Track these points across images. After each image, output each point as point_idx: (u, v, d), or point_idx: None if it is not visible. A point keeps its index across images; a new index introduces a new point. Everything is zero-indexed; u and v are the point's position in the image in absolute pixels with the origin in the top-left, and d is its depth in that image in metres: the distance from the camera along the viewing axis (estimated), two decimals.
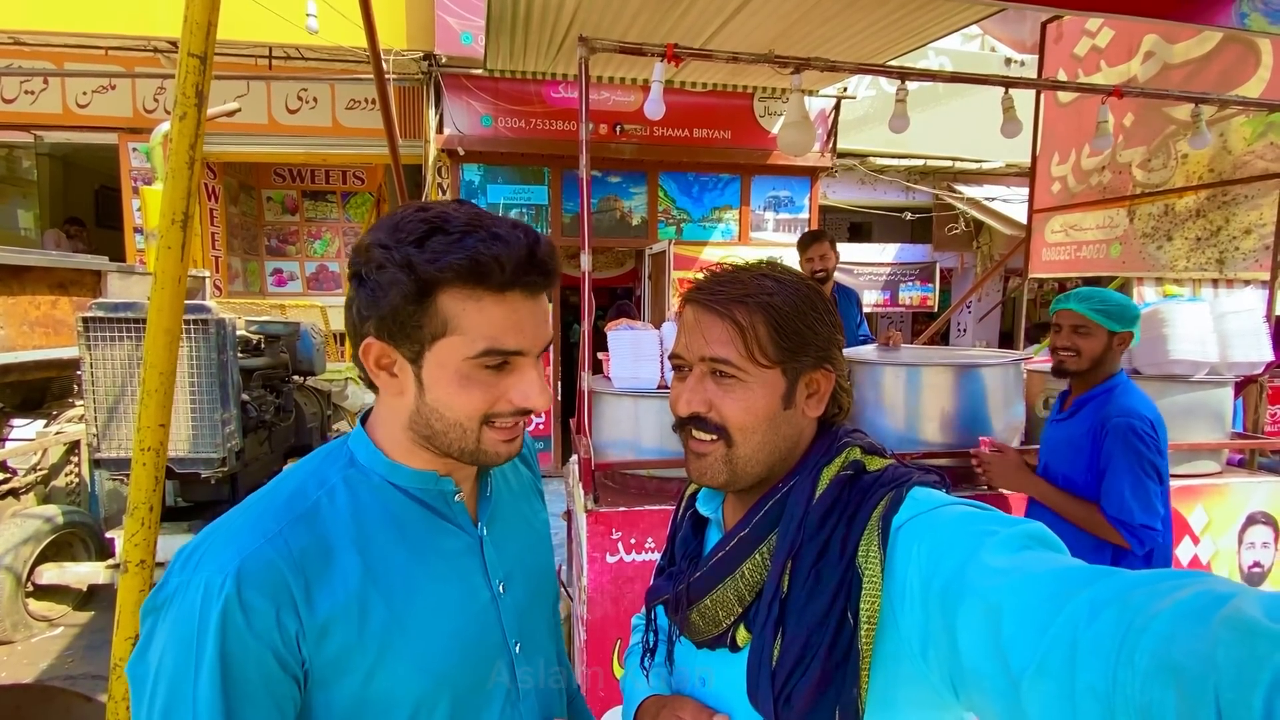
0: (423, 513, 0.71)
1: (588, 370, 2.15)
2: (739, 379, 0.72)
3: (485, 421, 0.67)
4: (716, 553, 0.75)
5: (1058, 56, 3.90)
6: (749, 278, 0.74)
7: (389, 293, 0.62)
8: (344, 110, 5.92)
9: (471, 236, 0.62)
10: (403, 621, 0.66)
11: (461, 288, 0.63)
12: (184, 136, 1.03)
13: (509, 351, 0.66)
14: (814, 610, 0.64)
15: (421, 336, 0.64)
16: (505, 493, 0.84)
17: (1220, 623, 0.36)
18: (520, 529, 0.83)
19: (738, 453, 0.72)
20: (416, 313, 0.63)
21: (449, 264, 0.61)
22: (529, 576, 0.81)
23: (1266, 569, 2.53)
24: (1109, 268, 3.75)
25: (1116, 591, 0.43)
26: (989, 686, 0.49)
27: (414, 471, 0.71)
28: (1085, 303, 1.80)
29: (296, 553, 0.62)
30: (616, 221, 6.09)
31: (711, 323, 0.72)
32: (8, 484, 3.26)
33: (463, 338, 0.64)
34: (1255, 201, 2.85)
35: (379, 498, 0.69)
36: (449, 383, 0.65)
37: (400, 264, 0.61)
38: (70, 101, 5.63)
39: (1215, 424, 2.47)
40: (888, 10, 3.37)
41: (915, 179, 7.35)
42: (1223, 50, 2.95)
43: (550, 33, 3.91)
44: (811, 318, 0.73)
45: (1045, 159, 3.98)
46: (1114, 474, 1.69)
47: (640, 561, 2.03)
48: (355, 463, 0.71)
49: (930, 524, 0.62)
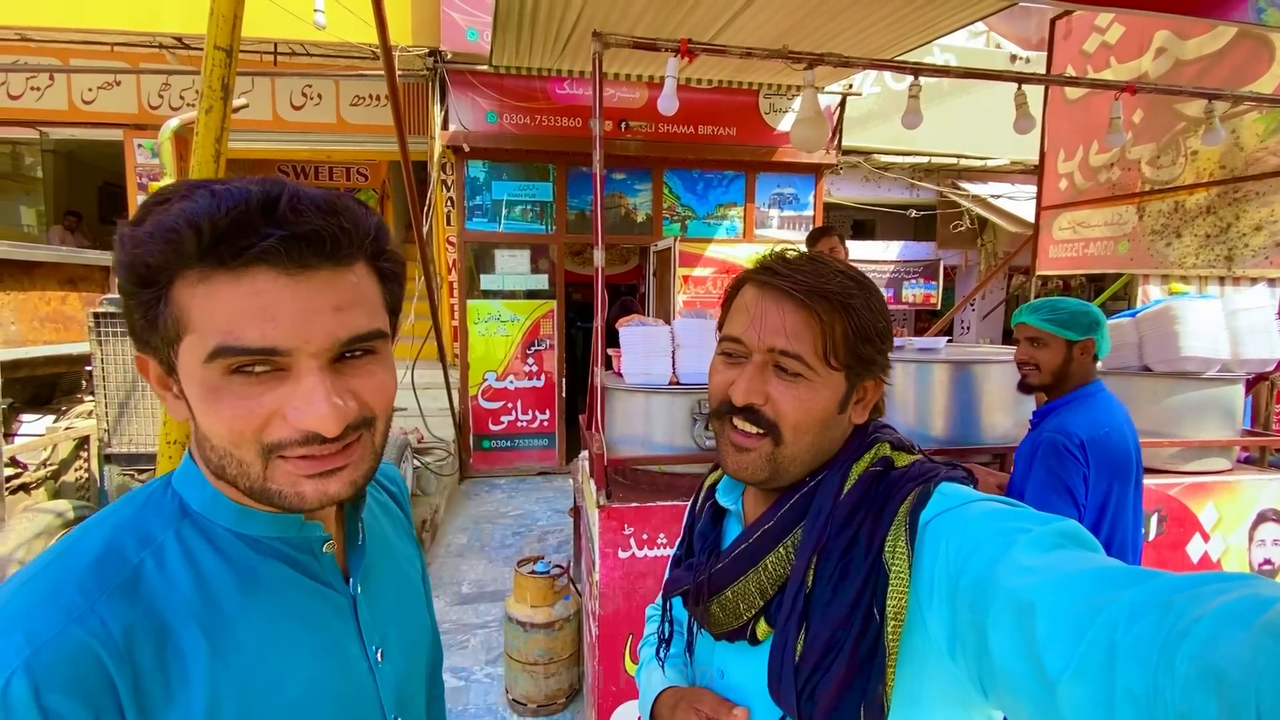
0: (284, 571, 0.57)
1: (599, 366, 2.15)
2: (805, 377, 0.69)
3: (268, 452, 0.50)
4: (739, 544, 0.74)
5: (1067, 53, 3.88)
6: (828, 271, 0.70)
7: (124, 289, 0.49)
8: (348, 107, 5.92)
9: (182, 202, 0.47)
10: (265, 714, 0.53)
11: (189, 271, 0.47)
12: (210, 130, 1.02)
13: (254, 350, 0.48)
14: (839, 605, 0.63)
15: (161, 340, 0.49)
16: (378, 539, 0.69)
17: (1261, 628, 0.35)
18: (396, 582, 0.70)
19: (784, 452, 0.70)
20: (146, 310, 0.49)
21: (157, 240, 0.46)
22: (406, 637, 0.68)
23: (1278, 566, 2.53)
24: (1116, 265, 3.73)
25: (1157, 594, 0.42)
26: (1021, 688, 0.48)
27: (271, 518, 0.55)
28: (1036, 313, 1.76)
29: (119, 635, 0.47)
30: (621, 218, 6.08)
31: (790, 312, 0.68)
32: (18, 479, 3.27)
33: (193, 336, 0.48)
34: (1266, 198, 2.84)
35: (225, 556, 0.54)
36: (197, 399, 0.50)
37: (122, 262, 0.48)
38: (76, 98, 5.63)
39: (1226, 421, 2.47)
40: (896, 5, 3.36)
41: (920, 176, 7.34)
42: (1235, 46, 2.94)
43: (557, 29, 3.91)
44: (883, 327, 0.72)
45: (1052, 156, 3.97)
46: (1028, 488, 1.68)
47: (652, 557, 2.03)
48: (188, 511, 0.55)
49: (959, 520, 0.60)
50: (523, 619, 2.64)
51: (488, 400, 5.94)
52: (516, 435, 6.03)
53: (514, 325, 5.91)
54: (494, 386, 5.93)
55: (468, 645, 3.20)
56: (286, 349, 0.49)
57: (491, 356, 5.90)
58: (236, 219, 0.46)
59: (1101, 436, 1.66)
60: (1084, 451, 1.63)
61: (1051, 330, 1.74)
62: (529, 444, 6.06)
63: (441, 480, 5.18)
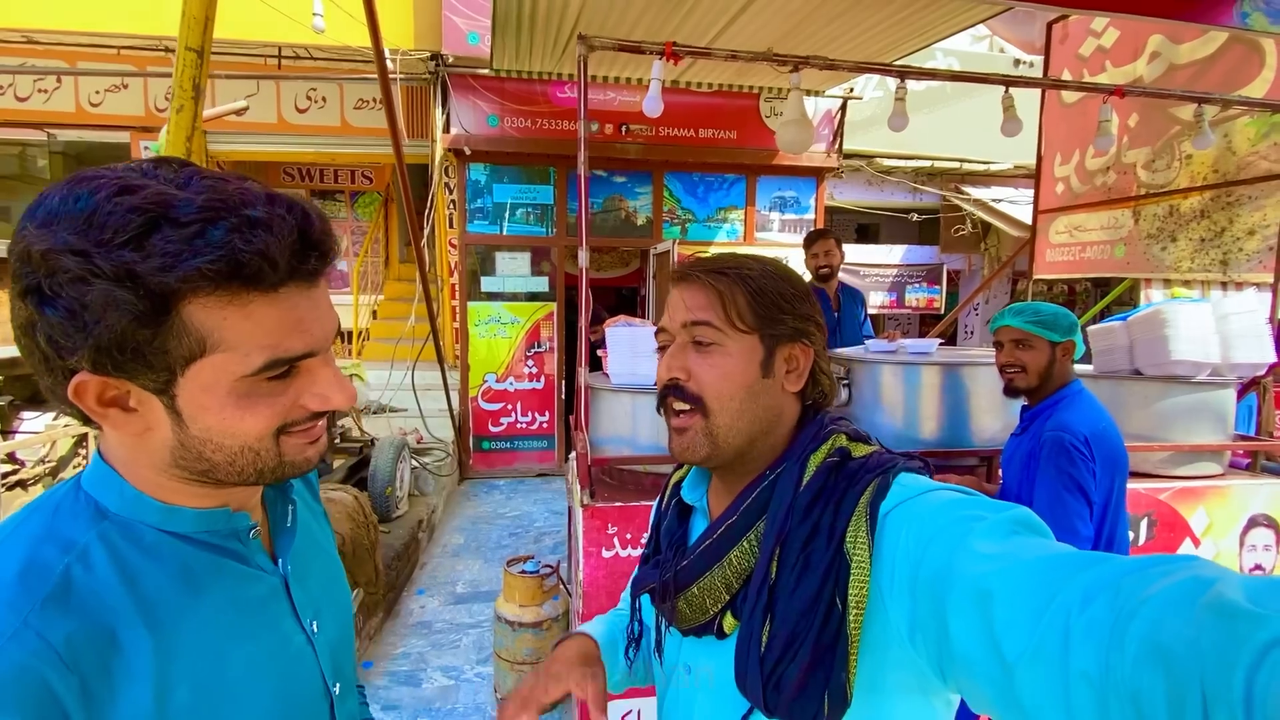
0: (215, 560, 0.58)
1: (584, 366, 2.17)
2: (718, 344, 0.74)
3: (278, 433, 0.55)
4: (704, 540, 0.75)
5: (1063, 57, 3.88)
6: (729, 258, 0.78)
7: (105, 315, 0.45)
8: (352, 110, 5.98)
9: (218, 225, 0.47)
10: (215, 702, 0.54)
11: (216, 294, 0.48)
12: (180, 129, 1.05)
13: (297, 357, 0.53)
14: (802, 596, 0.64)
15: (169, 362, 0.49)
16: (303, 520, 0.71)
17: (1204, 607, 0.37)
18: (319, 557, 0.72)
19: (716, 422, 0.73)
20: (155, 335, 0.47)
21: (196, 269, 0.46)
22: (336, 608, 0.71)
23: (1268, 571, 2.51)
24: (1113, 269, 3.72)
25: (1108, 578, 0.43)
26: (981, 672, 0.49)
27: (198, 513, 0.57)
28: (1019, 316, 1.79)
29: (60, 646, 0.46)
30: (621, 221, 6.10)
31: (693, 291, 0.76)
32: (16, 475, 3.31)
33: (231, 354, 0.50)
34: (1259, 202, 2.83)
35: (152, 553, 0.54)
36: (224, 406, 0.51)
37: (114, 275, 0.45)
38: (83, 100, 5.71)
39: (1217, 426, 2.46)
40: (894, 9, 3.37)
41: (922, 180, 7.33)
42: (1227, 51, 2.93)
43: (555, 33, 3.94)
44: (790, 292, 0.76)
45: (1049, 160, 3.96)
46: (1037, 490, 1.69)
47: (636, 556, 2.04)
48: (105, 513, 0.54)
49: (917, 509, 0.62)
50: (511, 618, 2.65)
51: (488, 401, 5.96)
52: (516, 437, 6.05)
53: (515, 327, 5.93)
54: (494, 388, 5.95)
55: (460, 645, 3.22)
56: (317, 350, 0.55)
57: (492, 358, 5.93)
58: (293, 249, 0.50)
59: (1101, 431, 1.69)
60: (1089, 447, 1.65)
61: (1036, 332, 1.76)
62: (528, 445, 6.07)
63: (440, 481, 5.21)
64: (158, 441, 0.53)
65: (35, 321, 0.47)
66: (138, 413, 0.52)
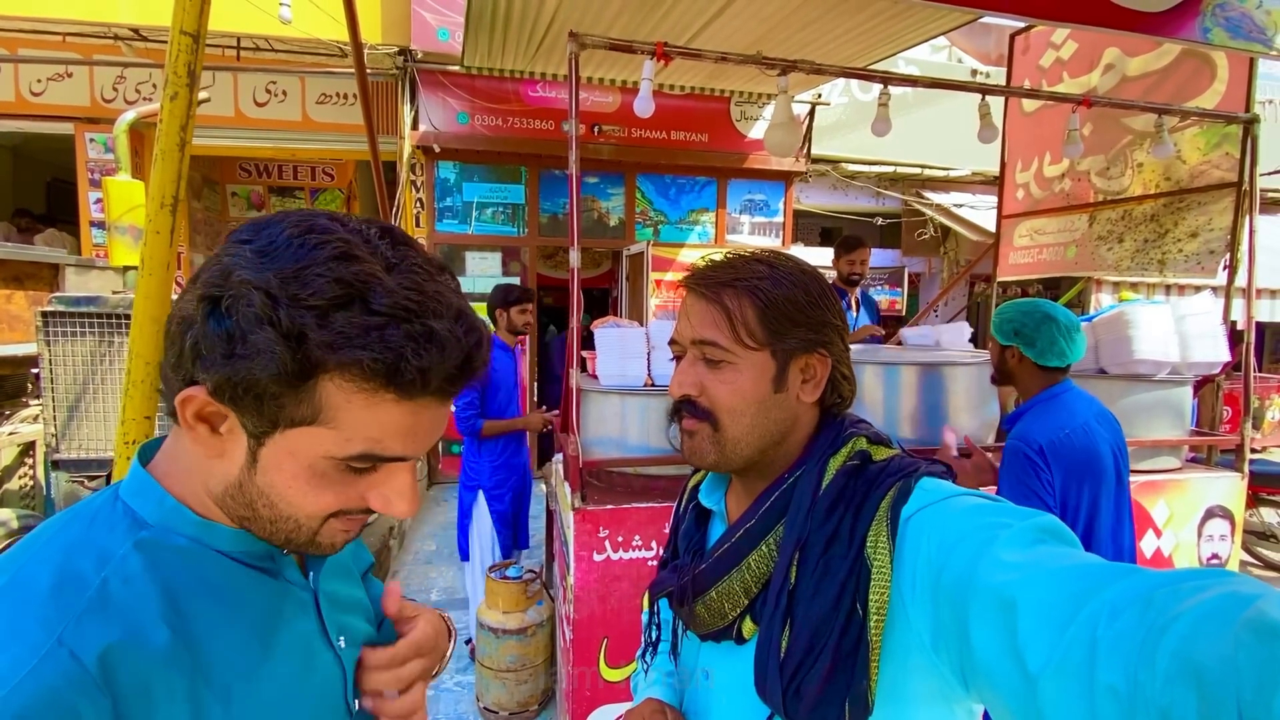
0: (248, 573, 0.56)
1: (575, 368, 2.15)
2: (728, 361, 0.72)
3: (330, 516, 0.54)
4: (722, 544, 0.74)
5: (1024, 68, 4.04)
6: (742, 263, 0.75)
7: (255, 360, 0.46)
8: (314, 104, 5.79)
9: (399, 326, 0.47)
10: (247, 716, 0.53)
11: (358, 381, 0.48)
12: (175, 117, 0.99)
13: (390, 458, 0.52)
14: (822, 601, 0.64)
15: (279, 417, 0.49)
16: None
17: (1243, 625, 0.35)
18: (342, 572, 0.71)
19: (725, 435, 0.73)
20: (283, 393, 0.47)
21: (356, 360, 0.46)
22: (359, 621, 0.70)
23: (1224, 561, 2.65)
24: (1065, 268, 3.90)
25: (1138, 591, 0.42)
26: (1003, 683, 0.48)
27: (234, 532, 0.55)
28: (994, 314, 1.87)
29: (92, 666, 0.44)
30: (594, 222, 6.08)
31: (701, 307, 0.73)
32: None
33: (335, 433, 0.49)
34: (1206, 208, 2.99)
35: (189, 565, 0.53)
36: (295, 476, 0.51)
37: (286, 333, 0.45)
38: (24, 89, 5.39)
39: (1176, 421, 2.58)
40: (865, 17, 3.45)
41: (885, 185, 7.51)
42: (1180, 64, 3.09)
43: (530, 31, 3.90)
44: (804, 301, 0.72)
45: (1010, 167, 4.12)
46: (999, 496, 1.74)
47: (627, 559, 2.03)
48: (143, 523, 0.53)
49: (940, 515, 0.61)
50: (495, 625, 2.60)
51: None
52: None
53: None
54: None
55: None
56: (411, 457, 0.53)
57: None
58: (451, 372, 0.50)
59: (1062, 439, 1.67)
60: (1043, 456, 1.65)
61: (992, 332, 1.85)
62: None
63: None
64: (221, 471, 0.53)
65: (195, 324, 0.48)
66: (222, 438, 0.52)
